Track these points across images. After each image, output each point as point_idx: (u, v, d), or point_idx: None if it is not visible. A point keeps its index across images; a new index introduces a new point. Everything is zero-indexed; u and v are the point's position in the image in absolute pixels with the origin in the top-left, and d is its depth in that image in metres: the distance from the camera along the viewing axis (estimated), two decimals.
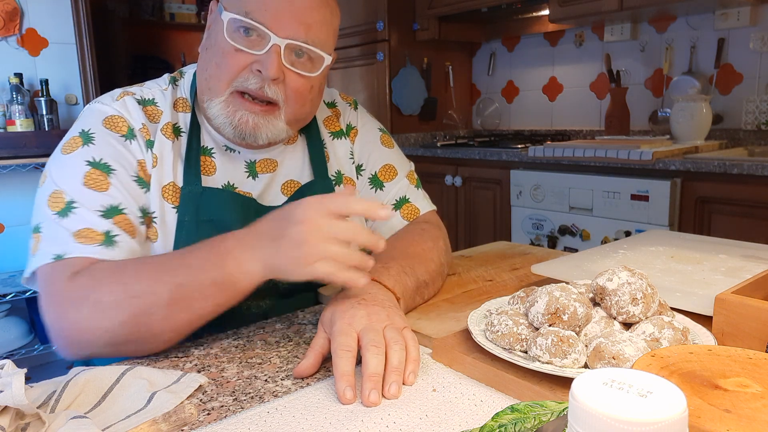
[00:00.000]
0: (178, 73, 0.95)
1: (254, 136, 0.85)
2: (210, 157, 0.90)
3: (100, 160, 0.81)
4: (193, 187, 0.86)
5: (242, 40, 0.81)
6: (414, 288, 0.81)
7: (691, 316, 0.70)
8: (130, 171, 0.83)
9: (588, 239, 2.36)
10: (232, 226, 0.85)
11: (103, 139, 0.82)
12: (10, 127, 2.53)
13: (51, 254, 0.75)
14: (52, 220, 0.77)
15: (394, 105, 3.26)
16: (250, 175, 0.92)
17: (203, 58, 0.87)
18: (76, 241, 0.75)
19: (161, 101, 0.89)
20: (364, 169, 1.04)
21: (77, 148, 0.81)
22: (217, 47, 0.83)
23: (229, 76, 0.82)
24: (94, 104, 0.87)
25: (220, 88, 0.83)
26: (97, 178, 0.80)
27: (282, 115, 0.84)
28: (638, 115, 2.81)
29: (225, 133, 0.87)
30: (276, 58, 0.79)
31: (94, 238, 0.76)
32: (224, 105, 0.83)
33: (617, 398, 0.29)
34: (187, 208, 0.85)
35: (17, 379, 0.51)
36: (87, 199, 0.78)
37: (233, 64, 0.81)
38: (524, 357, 0.61)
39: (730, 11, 2.44)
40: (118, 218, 0.79)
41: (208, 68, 0.84)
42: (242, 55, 0.81)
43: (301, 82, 0.84)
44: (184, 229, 0.84)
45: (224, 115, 0.84)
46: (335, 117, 1.04)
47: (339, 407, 0.59)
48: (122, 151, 0.83)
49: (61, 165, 0.81)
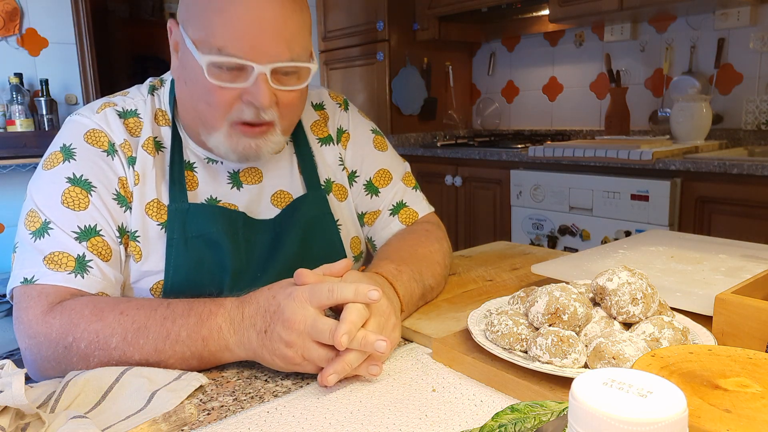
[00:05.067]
0: (158, 81, 0.92)
1: (257, 156, 0.84)
2: (192, 171, 0.88)
3: (81, 176, 0.80)
4: (179, 204, 0.84)
5: (226, 76, 0.77)
6: (419, 295, 0.82)
7: (691, 316, 0.70)
8: (110, 189, 0.81)
9: (588, 239, 2.36)
10: (221, 241, 0.85)
11: (84, 155, 0.81)
12: (10, 127, 2.53)
13: (20, 277, 0.75)
14: (27, 241, 0.77)
15: (394, 105, 3.26)
16: (234, 186, 0.90)
17: (185, 92, 0.84)
18: (46, 267, 0.75)
19: (143, 111, 0.87)
20: (359, 175, 1.01)
21: (58, 164, 0.80)
22: (199, 85, 0.79)
23: (223, 111, 0.80)
24: (75, 116, 0.85)
25: (216, 124, 0.81)
26: (77, 196, 0.79)
27: (278, 129, 0.83)
28: (638, 115, 2.81)
29: (230, 159, 0.86)
30: (265, 87, 0.77)
31: (66, 264, 0.75)
32: (226, 137, 0.82)
33: (617, 398, 0.29)
34: (175, 226, 0.83)
35: (17, 379, 0.51)
36: (63, 219, 0.77)
37: (224, 101, 0.79)
38: (524, 357, 0.61)
39: (730, 11, 2.44)
40: (94, 240, 0.78)
41: (197, 105, 0.82)
42: (230, 91, 0.78)
43: (293, 95, 0.82)
44: (174, 247, 0.83)
45: (227, 146, 0.82)
46: (323, 121, 1.01)
47: (339, 407, 0.59)
48: (103, 167, 0.82)
49: (40, 182, 0.80)
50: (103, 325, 0.69)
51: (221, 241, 0.85)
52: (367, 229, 1.03)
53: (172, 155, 0.86)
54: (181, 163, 0.87)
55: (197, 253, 0.84)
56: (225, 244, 0.85)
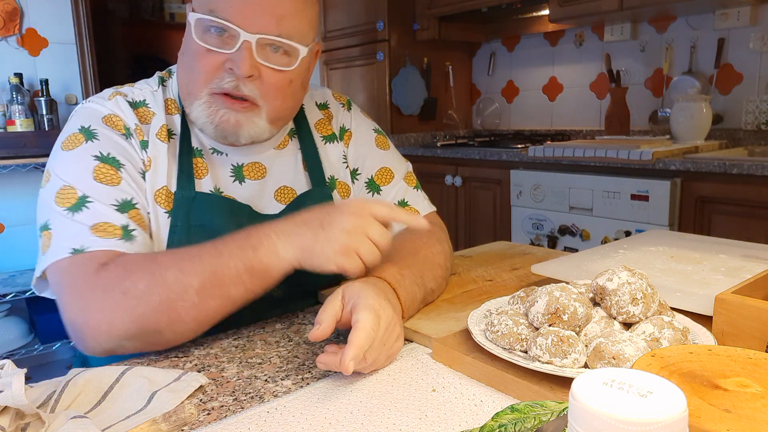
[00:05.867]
0: (167, 72, 0.93)
1: (236, 134, 0.84)
2: (201, 158, 0.89)
3: (108, 154, 0.80)
4: (185, 191, 0.85)
5: (213, 40, 0.79)
6: (421, 299, 0.82)
7: (691, 316, 0.70)
8: (136, 167, 0.83)
9: (588, 239, 2.36)
10: (223, 231, 0.84)
11: (106, 135, 0.82)
12: (10, 127, 2.53)
13: (68, 249, 0.73)
14: (63, 216, 0.75)
15: (394, 105, 3.26)
16: (236, 179, 0.90)
17: (180, 63, 0.86)
18: (94, 235, 0.74)
19: (152, 103, 0.88)
20: (360, 173, 1.02)
21: (81, 144, 0.80)
22: (190, 51, 0.81)
23: (205, 77, 0.80)
24: (88, 104, 0.86)
25: (197, 91, 0.82)
26: (108, 172, 0.79)
27: (263, 114, 0.83)
28: (638, 115, 2.81)
29: (207, 133, 0.86)
30: (247, 55, 0.77)
31: (113, 232, 0.76)
32: (205, 106, 0.82)
33: (617, 398, 0.29)
34: (179, 213, 0.84)
35: (17, 379, 0.51)
36: (100, 193, 0.77)
37: (206, 65, 0.80)
38: (524, 357, 0.61)
39: (730, 11, 2.44)
40: (132, 213, 0.79)
41: (185, 73, 0.83)
42: (215, 55, 0.79)
43: (279, 77, 0.82)
44: (177, 234, 0.83)
45: (205, 116, 0.82)
46: (327, 120, 1.02)
47: (339, 407, 0.59)
48: (126, 147, 0.83)
49: (65, 161, 0.80)
50: (158, 266, 0.71)
51: (224, 233, 0.85)
52: None
53: (181, 143, 0.87)
54: (189, 152, 0.87)
55: (198, 242, 0.84)
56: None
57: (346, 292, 0.69)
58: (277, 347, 0.76)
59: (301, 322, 0.85)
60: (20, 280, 2.58)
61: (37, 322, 2.61)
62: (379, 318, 0.65)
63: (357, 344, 0.61)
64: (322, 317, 0.66)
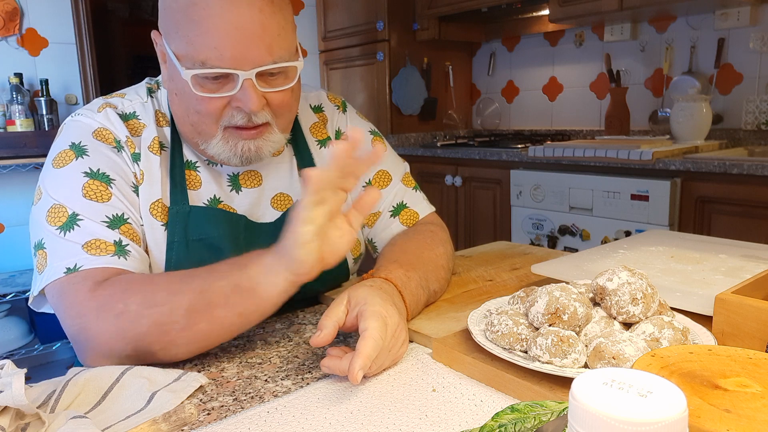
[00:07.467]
0: (155, 84, 0.92)
1: (259, 156, 0.84)
2: (194, 171, 0.88)
3: (98, 170, 0.79)
4: (180, 206, 0.84)
5: (212, 86, 0.78)
6: (424, 301, 0.82)
7: (691, 316, 0.70)
8: (128, 181, 0.82)
9: (588, 239, 2.36)
10: (222, 244, 0.85)
11: (96, 150, 0.81)
12: (10, 127, 2.53)
13: (62, 268, 0.73)
14: (55, 236, 0.75)
15: (394, 105, 3.26)
16: (234, 189, 0.90)
17: (177, 103, 0.84)
18: (87, 253, 0.74)
19: (143, 115, 0.87)
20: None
21: (70, 161, 0.79)
22: (187, 96, 0.80)
23: (215, 118, 0.80)
24: (78, 117, 0.85)
25: (211, 131, 0.81)
26: (97, 188, 0.78)
27: (276, 129, 0.83)
28: (638, 115, 2.81)
29: (232, 163, 0.85)
30: (252, 92, 0.77)
31: (106, 249, 0.75)
32: (223, 142, 0.82)
33: (617, 398, 0.29)
34: (176, 228, 0.83)
35: (17, 379, 0.51)
36: (90, 210, 0.77)
37: (213, 108, 0.79)
38: (524, 357, 0.61)
39: (730, 11, 2.44)
40: (124, 228, 0.78)
41: (189, 117, 0.82)
42: (218, 99, 0.79)
43: (283, 95, 0.82)
44: (174, 250, 0.83)
45: (227, 150, 0.82)
46: (322, 123, 1.01)
47: (339, 407, 0.59)
48: (117, 161, 0.82)
49: (55, 178, 0.79)
50: (151, 286, 0.71)
51: (222, 245, 0.85)
52: (367, 231, 1.02)
53: (172, 157, 0.86)
54: (181, 165, 0.87)
55: (198, 256, 0.84)
56: (226, 248, 0.85)
57: (352, 297, 0.69)
58: (277, 347, 0.76)
59: (301, 322, 0.85)
60: (20, 280, 2.58)
61: (37, 322, 2.61)
62: (387, 326, 0.65)
63: (365, 354, 0.61)
64: (325, 323, 0.66)
